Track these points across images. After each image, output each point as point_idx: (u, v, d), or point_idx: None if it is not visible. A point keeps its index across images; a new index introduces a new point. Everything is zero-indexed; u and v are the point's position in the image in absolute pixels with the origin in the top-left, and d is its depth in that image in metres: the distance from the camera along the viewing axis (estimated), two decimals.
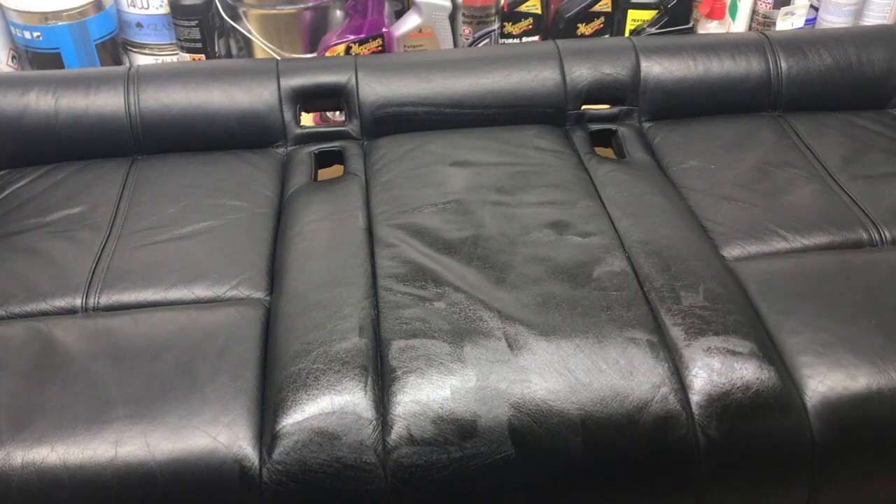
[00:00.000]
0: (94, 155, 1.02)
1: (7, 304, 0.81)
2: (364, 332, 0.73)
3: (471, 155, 0.97)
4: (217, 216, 0.92)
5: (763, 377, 0.70)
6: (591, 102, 1.08)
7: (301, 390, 0.68)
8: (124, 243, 0.88)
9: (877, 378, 0.72)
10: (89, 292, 0.82)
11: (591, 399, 0.68)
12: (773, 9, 1.33)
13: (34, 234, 0.90)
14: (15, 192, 0.97)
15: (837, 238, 0.89)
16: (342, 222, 0.88)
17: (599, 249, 0.82)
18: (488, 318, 0.74)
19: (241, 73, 1.06)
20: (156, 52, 1.32)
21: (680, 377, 0.70)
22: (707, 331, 0.74)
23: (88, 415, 0.68)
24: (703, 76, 1.08)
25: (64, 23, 1.20)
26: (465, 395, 0.68)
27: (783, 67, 1.09)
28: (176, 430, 0.67)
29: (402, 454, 0.66)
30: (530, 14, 1.30)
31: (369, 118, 1.05)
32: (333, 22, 1.24)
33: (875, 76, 1.10)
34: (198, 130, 1.03)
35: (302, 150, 1.04)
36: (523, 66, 1.07)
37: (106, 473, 0.65)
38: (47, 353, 0.73)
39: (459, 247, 0.83)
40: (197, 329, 0.76)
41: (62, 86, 1.02)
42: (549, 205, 0.89)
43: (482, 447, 0.66)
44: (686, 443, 0.68)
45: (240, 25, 1.22)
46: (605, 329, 0.73)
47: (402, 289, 0.78)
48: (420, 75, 1.06)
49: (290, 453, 0.66)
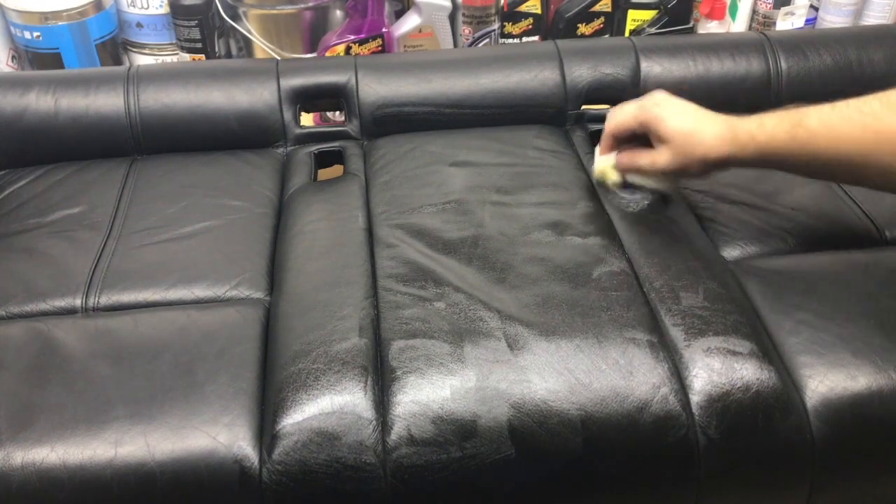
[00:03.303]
0: (94, 155, 1.02)
1: (7, 304, 0.81)
2: (364, 332, 0.73)
3: (471, 155, 0.97)
4: (217, 216, 0.92)
5: (763, 377, 0.70)
6: (591, 102, 1.08)
7: (301, 390, 0.68)
8: (124, 243, 0.88)
9: (877, 378, 0.72)
10: (89, 292, 0.82)
11: (591, 399, 0.68)
12: (773, 9, 1.33)
13: (34, 234, 0.90)
14: (15, 192, 0.97)
15: (837, 238, 0.89)
16: (342, 222, 0.88)
17: (599, 250, 0.82)
18: (488, 319, 0.74)
19: (241, 73, 1.06)
20: (156, 52, 1.32)
21: (680, 377, 0.70)
22: (707, 331, 0.74)
23: (88, 415, 0.68)
24: (703, 76, 1.08)
25: (64, 23, 1.20)
26: (465, 395, 0.68)
27: (783, 67, 1.09)
28: (176, 430, 0.67)
29: (402, 454, 0.66)
30: (530, 14, 1.30)
31: (369, 118, 1.05)
32: (333, 22, 1.24)
33: (875, 76, 1.10)
34: (198, 130, 1.03)
35: (302, 150, 1.04)
36: (523, 66, 1.07)
37: (106, 473, 0.65)
38: (47, 353, 0.73)
39: (459, 247, 0.83)
40: (197, 329, 0.76)
41: (62, 86, 1.02)
42: (549, 205, 0.89)
43: (482, 447, 0.66)
44: (686, 443, 0.68)
45: (240, 25, 1.22)
46: (605, 329, 0.73)
47: (402, 289, 0.78)
48: (420, 75, 1.06)
49: (290, 453, 0.66)
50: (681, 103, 0.83)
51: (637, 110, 0.85)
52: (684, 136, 0.80)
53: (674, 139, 0.81)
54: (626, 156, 0.87)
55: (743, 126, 0.77)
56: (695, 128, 0.80)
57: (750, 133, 0.76)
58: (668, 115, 0.81)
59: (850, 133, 0.70)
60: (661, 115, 0.82)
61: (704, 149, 0.79)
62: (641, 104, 0.84)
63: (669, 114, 0.81)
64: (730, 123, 0.78)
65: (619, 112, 0.87)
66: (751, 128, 0.77)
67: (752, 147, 0.76)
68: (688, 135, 0.80)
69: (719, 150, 0.78)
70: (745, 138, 0.77)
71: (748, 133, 0.77)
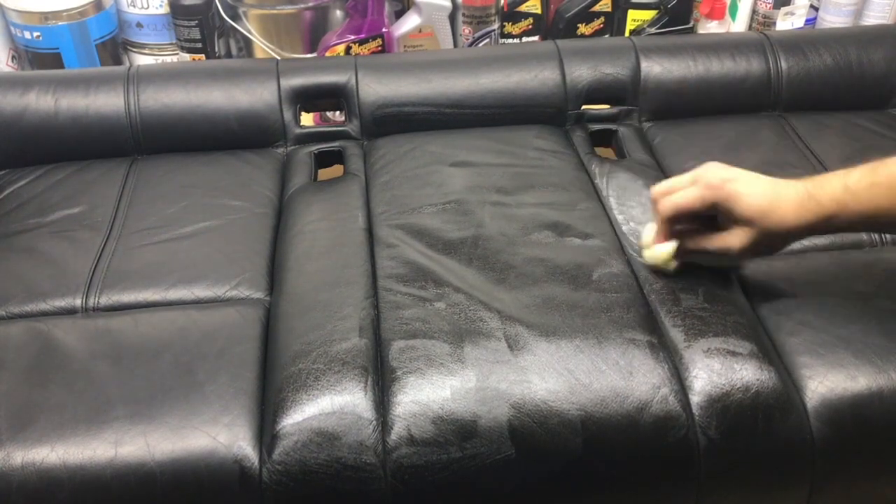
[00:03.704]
0: (94, 155, 1.02)
1: (7, 304, 0.81)
2: (364, 332, 0.73)
3: (471, 155, 0.97)
4: (217, 216, 0.92)
5: (763, 378, 0.70)
6: (592, 102, 1.08)
7: (301, 390, 0.68)
8: (124, 243, 0.88)
9: (877, 378, 0.72)
10: (89, 292, 0.82)
11: (592, 400, 0.68)
12: (773, 9, 1.33)
13: (34, 234, 0.90)
14: (15, 192, 0.97)
15: (837, 238, 0.89)
16: (342, 222, 0.88)
17: (599, 251, 0.82)
18: (488, 319, 0.74)
19: (241, 73, 1.06)
20: (156, 52, 1.32)
21: (680, 378, 0.70)
22: (707, 332, 0.74)
23: (88, 415, 0.68)
24: (703, 76, 1.08)
25: (64, 23, 1.20)
26: (466, 395, 0.68)
27: (783, 67, 1.09)
28: (176, 430, 0.67)
29: (402, 454, 0.66)
30: (530, 14, 1.30)
31: (369, 118, 1.05)
32: (333, 22, 1.24)
33: (875, 76, 1.10)
34: (198, 130, 1.03)
35: (302, 150, 1.04)
36: (523, 66, 1.07)
37: (106, 473, 0.65)
38: (47, 353, 0.73)
39: (459, 247, 0.83)
40: (197, 329, 0.76)
41: (62, 86, 1.02)
42: (549, 205, 0.89)
43: (482, 447, 0.66)
44: (686, 443, 0.68)
45: (240, 25, 1.22)
46: (605, 330, 0.73)
47: (402, 289, 0.78)
48: (420, 75, 1.06)
49: (290, 453, 0.66)
50: (750, 175, 0.72)
51: (704, 191, 0.72)
52: (764, 214, 0.70)
53: (753, 218, 0.70)
54: (692, 243, 0.76)
55: (826, 192, 0.69)
56: (774, 202, 0.70)
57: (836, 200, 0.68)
58: (744, 192, 0.71)
59: None
60: (736, 192, 0.71)
61: (787, 225, 0.70)
62: (707, 183, 0.72)
63: (745, 189, 0.71)
64: (809, 191, 0.69)
65: (675, 195, 0.74)
66: (837, 194, 0.68)
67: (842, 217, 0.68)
68: (767, 212, 0.70)
69: (803, 223, 0.70)
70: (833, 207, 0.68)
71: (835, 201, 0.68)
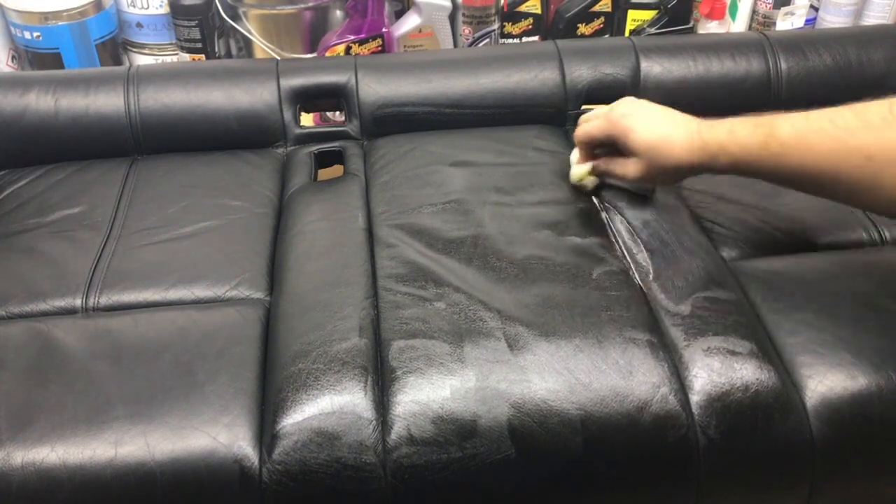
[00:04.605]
0: (94, 155, 1.02)
1: (7, 304, 0.81)
2: (364, 332, 0.73)
3: (471, 155, 0.97)
4: (217, 216, 0.92)
5: (763, 377, 0.71)
6: (591, 102, 1.08)
7: (301, 390, 0.68)
8: (124, 243, 0.88)
9: (877, 378, 0.72)
10: (89, 292, 0.82)
11: (591, 399, 0.68)
12: (773, 9, 1.33)
13: (34, 234, 0.90)
14: (15, 192, 0.97)
15: (837, 238, 0.89)
16: (342, 222, 0.88)
17: (599, 250, 0.82)
18: (488, 318, 0.74)
19: (241, 73, 1.06)
20: (156, 52, 1.32)
21: (680, 377, 0.70)
22: (707, 331, 0.74)
23: (88, 415, 0.68)
24: (703, 76, 1.08)
25: (64, 23, 1.20)
26: (465, 395, 0.68)
27: (783, 67, 1.09)
28: (176, 430, 0.67)
29: (402, 454, 0.66)
30: (530, 14, 1.31)
31: (369, 118, 1.05)
32: (333, 22, 1.24)
33: (875, 76, 1.10)
34: (198, 130, 1.03)
35: (302, 151, 1.04)
36: (523, 66, 1.07)
37: (106, 473, 0.65)
38: (47, 353, 0.73)
39: (459, 247, 0.83)
40: (197, 329, 0.76)
41: (62, 86, 1.02)
42: (548, 205, 0.89)
43: (482, 447, 0.66)
44: (686, 443, 0.68)
45: (240, 25, 1.22)
46: (605, 329, 0.73)
47: (402, 289, 0.78)
48: (420, 75, 1.06)
49: (290, 453, 0.66)
50: (648, 112, 0.82)
51: (604, 123, 0.84)
52: (653, 149, 0.79)
53: (643, 152, 0.80)
54: (602, 163, 0.88)
55: (713, 135, 0.76)
56: (663, 139, 0.79)
57: (720, 143, 0.75)
58: (635, 127, 0.80)
59: (821, 147, 0.68)
60: (628, 128, 0.81)
61: (674, 161, 0.78)
62: (608, 116, 0.84)
63: (637, 125, 0.81)
64: (700, 132, 0.77)
65: (587, 124, 0.87)
66: (721, 138, 0.75)
67: (723, 159, 0.75)
68: (656, 147, 0.79)
69: (689, 160, 0.77)
70: (715, 149, 0.76)
71: (718, 143, 0.75)
